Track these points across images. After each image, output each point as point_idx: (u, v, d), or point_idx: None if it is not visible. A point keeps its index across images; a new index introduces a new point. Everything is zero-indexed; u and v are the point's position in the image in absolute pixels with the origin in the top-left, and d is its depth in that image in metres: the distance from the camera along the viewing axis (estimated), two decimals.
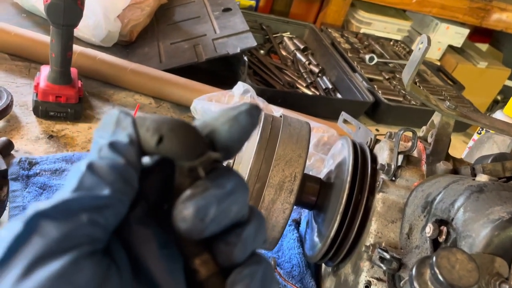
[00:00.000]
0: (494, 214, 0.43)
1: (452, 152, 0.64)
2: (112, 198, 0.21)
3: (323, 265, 0.72)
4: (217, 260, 0.24)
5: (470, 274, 0.33)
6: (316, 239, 0.66)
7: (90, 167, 0.21)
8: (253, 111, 0.24)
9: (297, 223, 0.80)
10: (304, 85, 1.26)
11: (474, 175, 0.56)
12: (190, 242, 0.23)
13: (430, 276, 0.35)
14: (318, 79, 1.32)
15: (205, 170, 0.23)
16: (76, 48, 0.95)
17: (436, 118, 0.64)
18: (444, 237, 0.48)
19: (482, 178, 0.50)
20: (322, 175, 0.72)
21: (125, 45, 1.15)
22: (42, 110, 0.83)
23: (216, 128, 0.24)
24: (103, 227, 0.21)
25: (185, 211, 0.22)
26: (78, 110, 0.86)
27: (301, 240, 0.76)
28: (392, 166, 0.59)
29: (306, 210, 0.79)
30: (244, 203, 0.24)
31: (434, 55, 2.02)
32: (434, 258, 0.34)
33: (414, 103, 1.30)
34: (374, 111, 1.25)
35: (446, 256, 0.34)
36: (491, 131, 0.78)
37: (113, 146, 0.22)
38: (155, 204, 0.24)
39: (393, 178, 0.60)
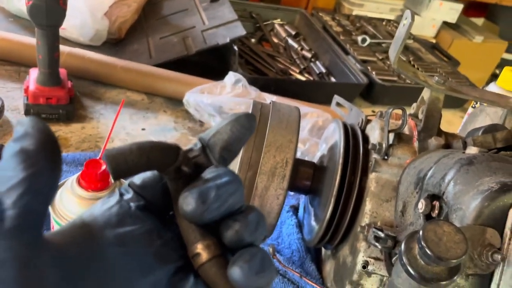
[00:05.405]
0: (484, 185, 0.42)
1: (450, 127, 0.63)
2: None
3: (323, 249, 0.72)
4: (223, 240, 0.26)
5: (457, 245, 0.33)
6: (313, 223, 0.66)
7: None
8: (242, 119, 0.27)
9: (296, 209, 0.80)
10: (298, 71, 1.25)
11: (465, 148, 0.56)
12: (194, 228, 0.26)
13: (419, 250, 0.34)
14: (311, 64, 1.31)
15: (188, 166, 0.26)
16: (64, 48, 0.95)
17: (425, 94, 0.64)
18: (437, 212, 0.47)
19: (471, 150, 0.49)
20: (315, 159, 0.72)
21: (114, 43, 1.15)
22: (34, 113, 0.83)
23: (209, 138, 0.27)
24: None
25: (190, 196, 0.25)
26: (70, 111, 0.86)
27: (300, 226, 0.76)
28: (384, 145, 0.59)
29: (304, 196, 0.79)
30: (240, 193, 0.26)
31: (429, 32, 2.00)
32: (421, 232, 0.34)
33: (409, 81, 1.29)
34: (369, 93, 1.24)
35: (433, 229, 0.34)
36: (484, 103, 0.78)
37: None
38: (163, 214, 0.28)
39: (385, 157, 0.59)
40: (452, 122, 1.24)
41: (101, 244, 0.24)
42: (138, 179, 0.27)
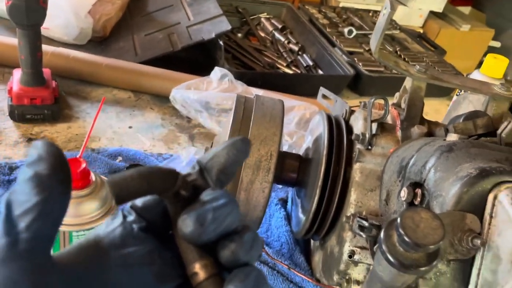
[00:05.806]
0: (463, 171, 0.43)
1: (437, 116, 0.64)
2: None
3: (312, 240, 0.73)
4: (220, 260, 0.27)
5: (435, 231, 0.34)
6: (300, 215, 0.66)
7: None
8: (238, 144, 0.29)
9: (284, 202, 0.81)
10: (285, 64, 1.25)
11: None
12: (193, 249, 0.27)
13: (397, 237, 0.35)
14: (299, 57, 1.31)
15: (186, 190, 0.28)
16: (48, 48, 0.95)
17: (407, 83, 0.64)
18: (419, 199, 0.48)
19: (452, 137, 0.50)
20: (301, 151, 0.72)
21: (99, 41, 1.14)
22: (18, 114, 0.83)
23: (207, 161, 0.29)
24: None
25: (188, 219, 0.26)
26: (55, 111, 0.86)
27: (289, 218, 0.76)
28: (367, 135, 0.59)
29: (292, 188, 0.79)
30: (236, 214, 0.27)
31: (416, 22, 2.00)
32: (398, 219, 0.34)
33: (395, 72, 1.30)
34: (356, 84, 1.25)
35: (411, 216, 0.34)
36: (467, 91, 0.78)
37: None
38: (163, 234, 0.29)
39: (369, 147, 0.60)
40: (440, 110, 1.25)
41: (106, 264, 0.26)
42: (140, 201, 0.29)
